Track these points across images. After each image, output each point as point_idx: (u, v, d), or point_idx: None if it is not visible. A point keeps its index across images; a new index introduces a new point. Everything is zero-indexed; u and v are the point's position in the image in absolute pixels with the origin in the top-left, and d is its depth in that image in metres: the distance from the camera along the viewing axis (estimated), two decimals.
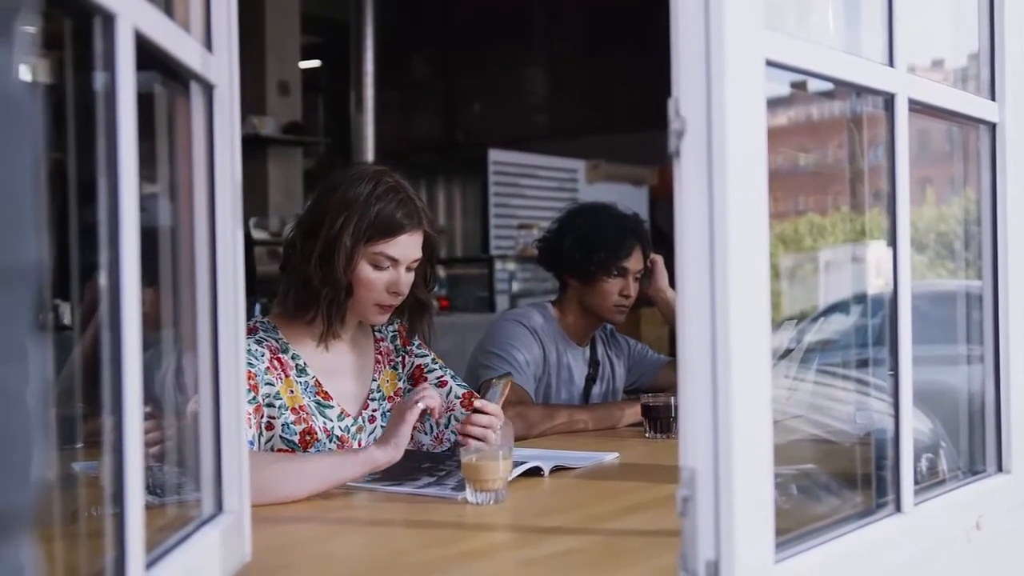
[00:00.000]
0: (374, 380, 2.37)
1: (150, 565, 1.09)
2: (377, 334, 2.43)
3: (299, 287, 2.23)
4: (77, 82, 1.05)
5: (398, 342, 2.44)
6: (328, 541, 1.75)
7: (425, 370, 2.43)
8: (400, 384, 2.41)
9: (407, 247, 2.23)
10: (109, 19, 0.99)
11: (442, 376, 2.42)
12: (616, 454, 2.41)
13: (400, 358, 2.43)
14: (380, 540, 1.74)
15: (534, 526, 1.80)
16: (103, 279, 1.00)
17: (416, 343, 2.45)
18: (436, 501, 1.93)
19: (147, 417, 1.07)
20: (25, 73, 0.62)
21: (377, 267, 2.21)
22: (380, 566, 1.59)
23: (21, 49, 0.61)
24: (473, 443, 2.12)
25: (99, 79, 1.01)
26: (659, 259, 3.14)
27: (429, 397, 2.05)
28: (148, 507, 1.07)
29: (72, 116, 1.10)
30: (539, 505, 2.00)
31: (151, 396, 1.16)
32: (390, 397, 2.38)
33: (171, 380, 1.41)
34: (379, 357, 2.40)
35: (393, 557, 1.63)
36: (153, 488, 1.29)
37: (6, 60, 0.60)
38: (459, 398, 2.38)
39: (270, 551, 1.56)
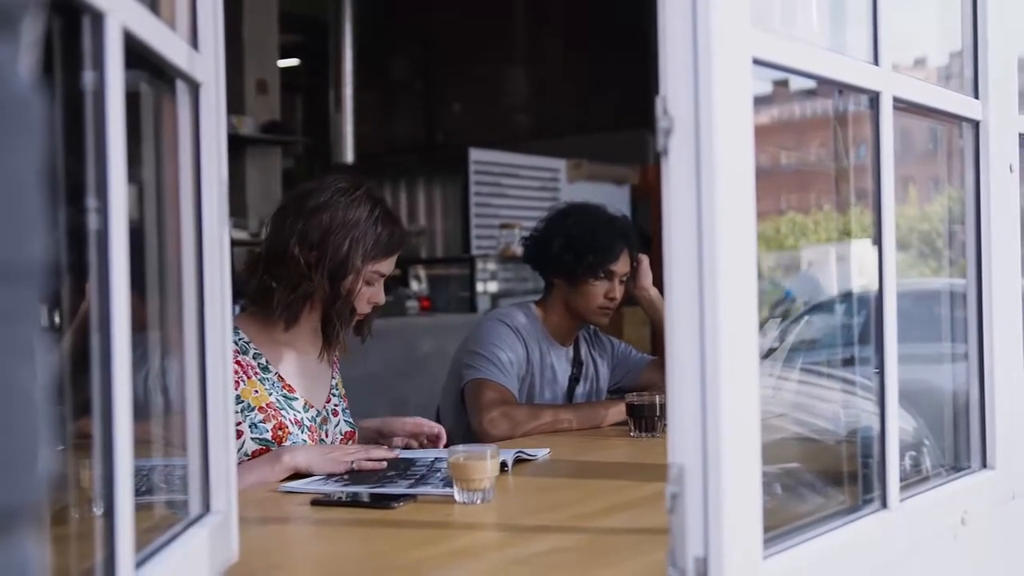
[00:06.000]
0: (333, 378, 2.49)
1: (139, 565, 1.08)
2: None
3: (297, 299, 2.28)
4: (63, 80, 1.05)
5: (337, 353, 2.54)
6: (315, 542, 1.74)
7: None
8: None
9: (393, 263, 2.40)
10: (98, 17, 0.98)
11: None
12: (547, 450, 2.42)
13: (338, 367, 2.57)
14: (368, 540, 1.74)
15: (521, 525, 1.80)
16: (92, 281, 0.99)
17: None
18: (422, 500, 1.93)
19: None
20: (29, 72, 0.62)
21: (368, 283, 2.35)
22: (368, 566, 1.59)
23: (27, 47, 0.61)
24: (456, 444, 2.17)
25: (87, 78, 1.00)
26: (644, 258, 3.15)
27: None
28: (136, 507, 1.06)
29: (57, 115, 1.09)
30: (526, 504, 2.00)
31: (136, 397, 1.15)
32: (344, 396, 2.52)
33: (156, 381, 1.40)
34: (334, 358, 2.51)
35: (381, 557, 1.62)
36: (139, 488, 1.28)
37: (11, 59, 0.60)
38: (342, 434, 2.46)
39: (257, 552, 1.55)
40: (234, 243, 6.15)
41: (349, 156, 8.95)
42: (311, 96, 10.17)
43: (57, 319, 1.34)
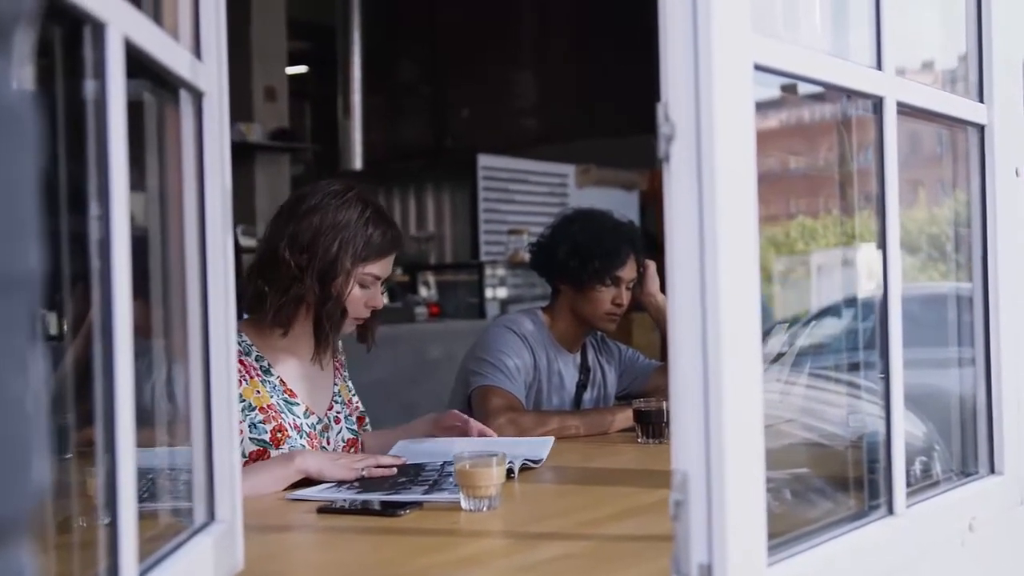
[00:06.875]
0: (335, 385, 2.49)
1: (143, 574, 1.08)
2: None
3: (288, 301, 2.27)
4: (65, 90, 1.05)
5: (343, 359, 2.56)
6: (321, 550, 1.74)
7: (351, 393, 2.57)
8: (350, 395, 2.55)
9: (389, 266, 2.39)
10: (99, 27, 0.98)
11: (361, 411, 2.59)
12: (551, 439, 2.45)
13: (346, 373, 2.56)
14: (374, 548, 1.74)
15: (528, 532, 1.80)
16: (95, 289, 0.99)
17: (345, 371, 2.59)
18: (429, 508, 1.92)
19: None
20: (24, 82, 0.62)
21: (362, 286, 2.34)
22: (374, 574, 1.59)
23: (20, 58, 0.61)
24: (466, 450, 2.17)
25: (88, 87, 1.01)
26: (651, 264, 3.14)
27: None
28: (140, 515, 1.06)
29: (60, 124, 1.10)
30: (533, 511, 2.00)
31: (142, 406, 1.16)
32: (347, 402, 2.51)
33: (161, 390, 1.40)
34: (336, 365, 2.52)
35: (387, 565, 1.62)
36: (142, 495, 1.28)
37: (5, 69, 0.60)
38: (344, 442, 2.47)
39: (262, 560, 1.55)
40: (243, 250, 6.18)
41: (358, 162, 8.95)
42: (319, 103, 10.19)
43: (61, 328, 1.35)
